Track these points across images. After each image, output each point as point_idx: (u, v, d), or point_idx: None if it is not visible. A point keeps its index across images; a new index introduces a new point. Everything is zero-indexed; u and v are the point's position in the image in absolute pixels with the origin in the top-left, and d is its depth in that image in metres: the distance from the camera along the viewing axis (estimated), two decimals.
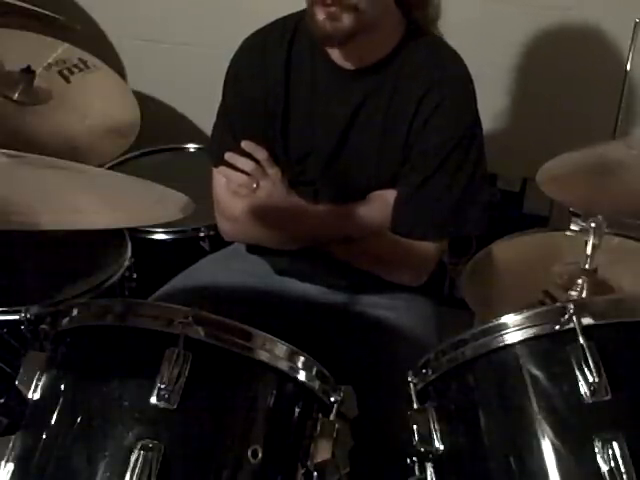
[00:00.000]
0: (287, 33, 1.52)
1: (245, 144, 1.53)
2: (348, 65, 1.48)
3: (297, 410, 1.10)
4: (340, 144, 1.51)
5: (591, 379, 0.96)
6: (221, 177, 1.57)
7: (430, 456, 1.09)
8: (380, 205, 1.51)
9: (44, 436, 1.03)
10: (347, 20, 1.36)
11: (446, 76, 1.46)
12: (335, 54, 1.48)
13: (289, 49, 1.51)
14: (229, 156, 1.54)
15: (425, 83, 1.45)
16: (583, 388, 0.97)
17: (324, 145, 1.52)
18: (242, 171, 1.54)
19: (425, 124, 1.45)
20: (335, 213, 1.52)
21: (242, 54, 1.57)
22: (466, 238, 2.11)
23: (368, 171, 1.51)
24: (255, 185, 1.53)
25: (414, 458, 1.11)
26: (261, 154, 1.53)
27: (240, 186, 1.54)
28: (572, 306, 1.00)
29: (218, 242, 1.80)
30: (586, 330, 0.99)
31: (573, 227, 1.48)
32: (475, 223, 1.50)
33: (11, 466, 1.04)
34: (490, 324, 1.05)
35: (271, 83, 1.52)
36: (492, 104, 2.20)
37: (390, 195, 1.50)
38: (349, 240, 1.53)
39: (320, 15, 1.36)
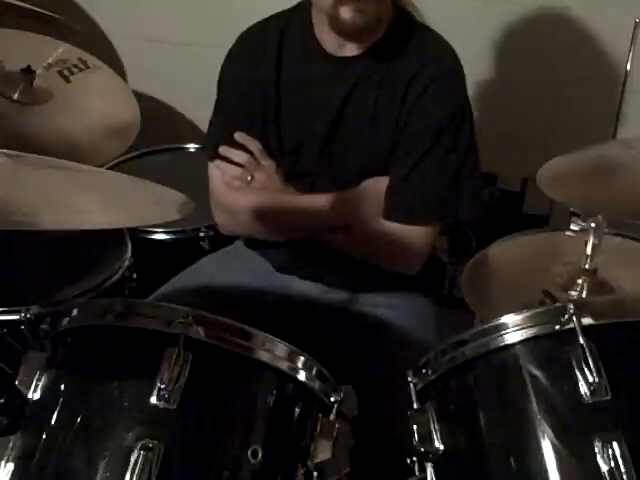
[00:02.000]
0: (278, 26, 1.54)
1: (238, 136, 1.55)
2: (340, 53, 1.49)
3: (297, 410, 1.10)
4: (332, 132, 1.52)
5: (591, 379, 0.96)
6: (216, 170, 1.58)
7: (430, 456, 1.09)
8: (374, 192, 1.51)
9: (44, 436, 1.03)
10: (373, 10, 1.38)
11: (434, 59, 1.47)
12: (329, 43, 1.49)
13: (280, 41, 1.53)
14: (223, 149, 1.56)
15: (413, 66, 1.46)
16: (583, 388, 0.97)
17: (317, 134, 1.52)
18: (237, 164, 1.55)
19: (414, 107, 1.46)
20: (329, 202, 1.52)
21: (236, 49, 1.58)
22: (466, 238, 2.12)
23: (361, 158, 1.52)
24: (249, 177, 1.54)
25: (414, 458, 1.11)
26: (255, 146, 1.55)
27: (234, 178, 1.55)
28: (572, 306, 1.00)
29: (218, 242, 1.80)
30: (586, 330, 0.99)
31: (573, 227, 1.48)
32: (468, 208, 1.50)
33: (11, 466, 1.04)
34: (490, 324, 1.05)
35: (264, 76, 1.53)
36: (492, 104, 2.20)
37: (383, 182, 1.51)
38: (343, 228, 1.53)
39: (347, 13, 1.37)
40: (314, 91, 1.52)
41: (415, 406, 1.13)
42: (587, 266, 1.38)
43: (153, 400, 1.00)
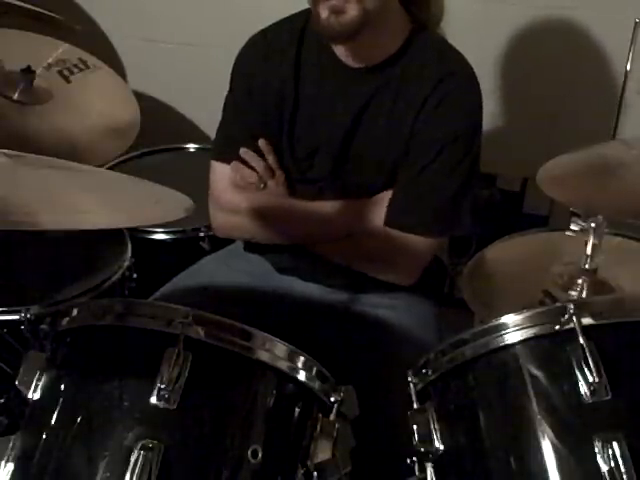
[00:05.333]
0: (295, 31, 1.53)
1: (261, 143, 1.55)
2: (355, 64, 1.48)
3: (297, 410, 1.10)
4: (346, 142, 1.51)
5: (591, 379, 0.96)
6: (223, 170, 1.58)
7: (430, 456, 1.09)
8: (382, 204, 1.51)
9: (44, 436, 1.03)
10: (352, 11, 1.36)
11: (451, 74, 1.46)
12: (342, 53, 1.48)
13: (298, 47, 1.52)
14: (243, 152, 1.56)
15: (430, 82, 1.45)
16: (583, 388, 0.97)
17: (330, 143, 1.52)
18: (251, 168, 1.55)
19: (429, 119, 1.46)
20: (335, 210, 1.52)
21: (251, 50, 1.57)
22: (466, 238, 2.11)
23: (373, 169, 1.52)
24: (262, 185, 1.55)
25: (414, 458, 1.11)
26: (271, 156, 1.55)
27: (249, 183, 1.55)
28: (572, 306, 1.00)
29: (218, 242, 1.80)
30: (586, 330, 0.99)
31: (573, 227, 1.48)
32: (467, 223, 1.50)
33: (11, 466, 1.04)
34: (490, 324, 1.05)
35: (281, 81, 1.53)
36: (492, 104, 2.20)
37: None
38: (341, 239, 1.53)
39: (324, 13, 1.36)
40: (330, 100, 1.51)
41: (415, 406, 1.13)
42: (587, 266, 1.38)
43: (153, 400, 1.00)
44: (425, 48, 1.48)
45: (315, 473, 1.08)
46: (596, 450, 0.94)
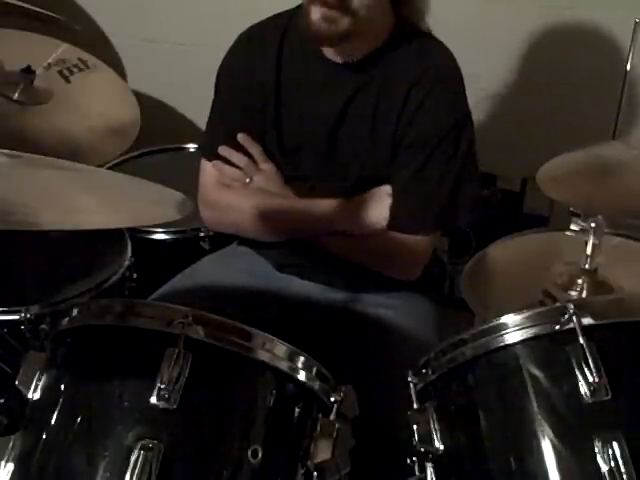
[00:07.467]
0: (279, 28, 1.54)
1: (241, 137, 1.55)
2: (339, 59, 1.49)
3: (297, 410, 1.09)
4: (332, 138, 1.52)
5: (591, 379, 0.96)
6: (211, 168, 1.59)
7: (430, 456, 1.09)
8: (375, 201, 1.51)
9: (44, 436, 1.03)
10: (343, 23, 1.37)
11: (434, 66, 1.47)
12: (327, 49, 1.48)
13: (281, 43, 1.53)
14: (223, 150, 1.56)
15: (414, 74, 1.46)
16: (583, 388, 0.97)
17: (316, 139, 1.53)
18: (235, 165, 1.56)
19: (414, 114, 1.46)
20: (327, 208, 1.52)
21: (235, 49, 1.59)
22: (466, 238, 2.12)
23: (361, 163, 1.52)
24: (248, 180, 1.55)
25: (414, 458, 1.11)
26: (255, 149, 1.55)
27: (233, 180, 1.56)
28: (572, 306, 1.00)
29: (218, 242, 1.80)
30: (586, 330, 0.99)
31: (573, 227, 1.48)
32: (466, 214, 1.51)
33: (11, 466, 1.04)
34: (490, 324, 1.05)
35: (263, 77, 1.54)
36: (492, 104, 2.20)
37: (385, 191, 1.50)
38: (343, 234, 1.53)
39: (315, 15, 1.37)
40: (314, 95, 1.52)
41: (415, 406, 1.13)
42: (587, 266, 1.38)
43: (153, 400, 1.00)
44: (407, 43, 1.49)
45: (315, 473, 1.08)
46: (596, 450, 0.94)
